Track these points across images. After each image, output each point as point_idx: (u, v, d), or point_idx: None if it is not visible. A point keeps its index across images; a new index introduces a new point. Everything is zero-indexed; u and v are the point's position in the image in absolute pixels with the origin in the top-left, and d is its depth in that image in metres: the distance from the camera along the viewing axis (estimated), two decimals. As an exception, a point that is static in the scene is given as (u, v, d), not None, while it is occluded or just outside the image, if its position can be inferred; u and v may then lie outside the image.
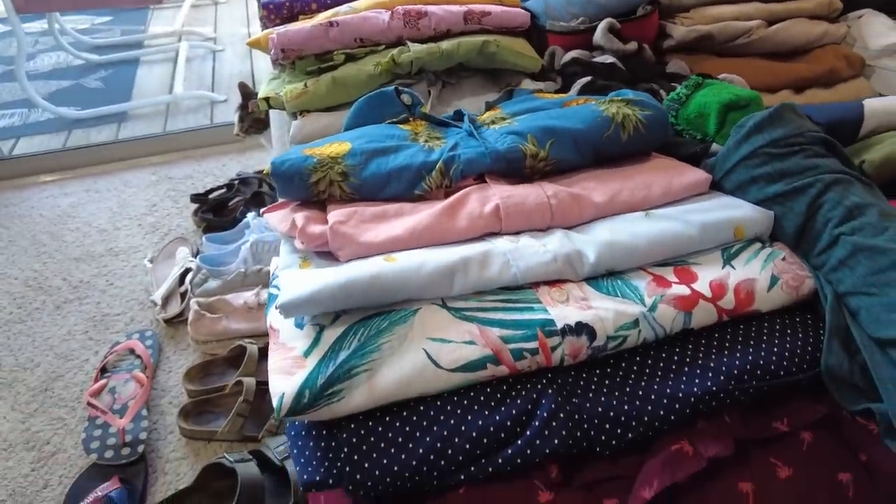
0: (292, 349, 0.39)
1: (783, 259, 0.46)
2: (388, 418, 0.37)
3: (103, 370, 1.13)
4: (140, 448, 1.00)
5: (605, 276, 0.44)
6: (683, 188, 0.50)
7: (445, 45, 0.71)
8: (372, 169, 0.51)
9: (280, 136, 0.82)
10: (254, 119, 1.47)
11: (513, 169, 0.52)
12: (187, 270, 1.31)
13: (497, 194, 0.48)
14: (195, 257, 1.36)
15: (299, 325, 0.41)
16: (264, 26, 0.87)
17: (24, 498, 0.97)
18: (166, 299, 1.28)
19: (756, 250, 0.46)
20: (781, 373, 0.40)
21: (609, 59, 0.73)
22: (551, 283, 0.44)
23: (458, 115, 0.62)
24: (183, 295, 1.28)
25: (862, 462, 0.39)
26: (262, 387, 1.06)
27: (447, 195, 0.51)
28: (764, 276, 0.44)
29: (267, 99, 0.72)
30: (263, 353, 1.12)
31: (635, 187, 0.50)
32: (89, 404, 1.04)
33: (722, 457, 0.37)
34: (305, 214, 0.48)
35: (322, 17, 0.76)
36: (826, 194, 0.47)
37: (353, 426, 0.37)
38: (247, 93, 1.47)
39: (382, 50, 0.73)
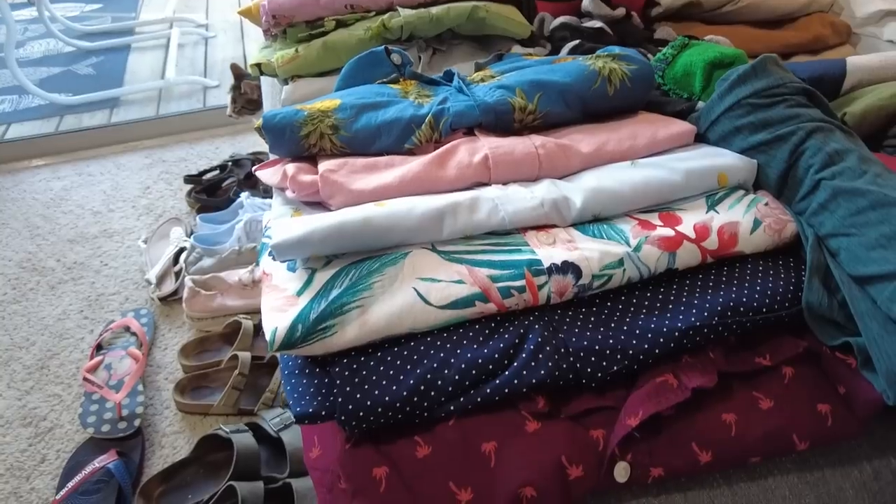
0: (285, 290, 0.40)
1: (766, 204, 0.46)
2: (378, 353, 0.38)
3: (99, 347, 1.14)
4: (136, 422, 1.00)
5: (592, 222, 0.45)
6: (669, 139, 0.51)
7: (435, 10, 0.71)
8: (362, 122, 0.51)
9: (272, 105, 0.83)
10: (247, 100, 1.47)
11: (502, 122, 0.52)
12: (181, 250, 1.32)
13: (486, 145, 0.49)
14: (189, 237, 1.36)
15: (291, 269, 0.42)
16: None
17: (23, 472, 0.98)
18: (161, 278, 1.28)
19: (739, 196, 0.47)
20: (764, 309, 0.41)
21: (598, 24, 0.73)
22: (539, 227, 0.44)
23: (448, 76, 0.63)
24: (177, 274, 1.29)
25: (840, 394, 0.40)
26: (257, 361, 1.07)
27: (437, 148, 0.52)
28: (747, 219, 0.45)
29: (259, 65, 0.72)
30: (258, 329, 1.13)
31: (621, 138, 0.50)
32: (85, 380, 1.05)
33: (706, 388, 0.38)
34: (297, 165, 0.48)
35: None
36: (807, 141, 0.48)
37: (344, 361, 0.38)
38: (239, 73, 1.46)
39: (373, 16, 0.73)
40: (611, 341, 0.39)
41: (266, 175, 0.52)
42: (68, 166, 1.69)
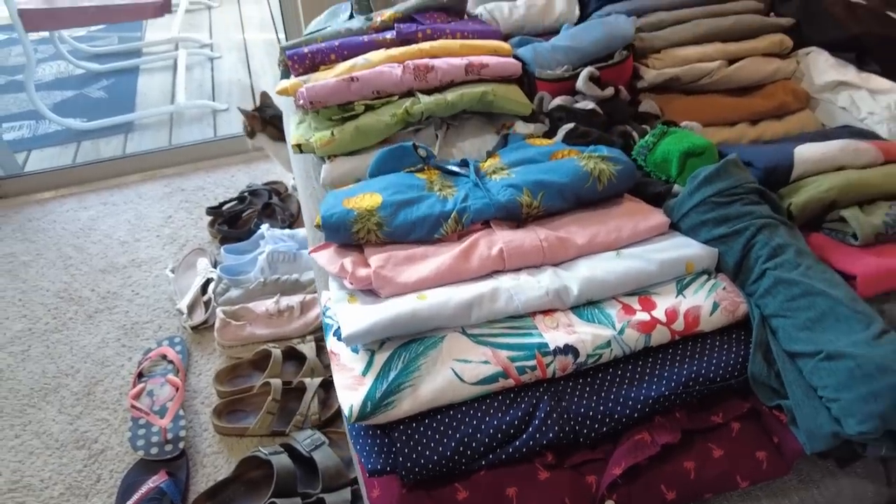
0: (352, 370, 0.52)
1: (724, 289, 0.59)
2: (427, 420, 0.50)
3: (140, 375, 1.25)
4: (181, 444, 1.12)
5: (586, 305, 0.58)
6: (647, 230, 0.63)
7: (450, 96, 0.83)
8: (400, 218, 0.63)
9: (303, 168, 0.94)
10: (262, 123, 1.56)
11: (512, 215, 0.65)
12: (208, 280, 1.43)
13: (501, 239, 0.61)
14: (214, 267, 1.48)
15: (354, 350, 0.54)
16: (285, 73, 0.98)
17: (81, 490, 1.10)
18: (191, 307, 1.40)
19: (703, 281, 0.60)
20: (718, 379, 0.53)
21: (589, 104, 0.86)
22: (545, 312, 0.57)
23: (464, 163, 0.75)
24: (206, 303, 1.40)
25: (774, 443, 0.53)
26: (287, 386, 1.19)
27: (460, 237, 0.64)
28: (707, 303, 0.57)
29: (299, 145, 0.84)
30: (286, 356, 1.26)
31: (609, 230, 0.63)
32: (133, 407, 1.17)
33: (672, 443, 0.50)
34: (352, 259, 0.60)
35: (341, 68, 0.88)
36: (757, 236, 0.60)
37: (402, 427, 0.50)
38: (265, 103, 1.57)
39: (396, 100, 0.85)
40: (601, 408, 0.51)
41: (323, 260, 0.63)
42: (93, 196, 1.79)
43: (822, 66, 1.01)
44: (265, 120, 1.57)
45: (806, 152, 0.71)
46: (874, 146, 0.73)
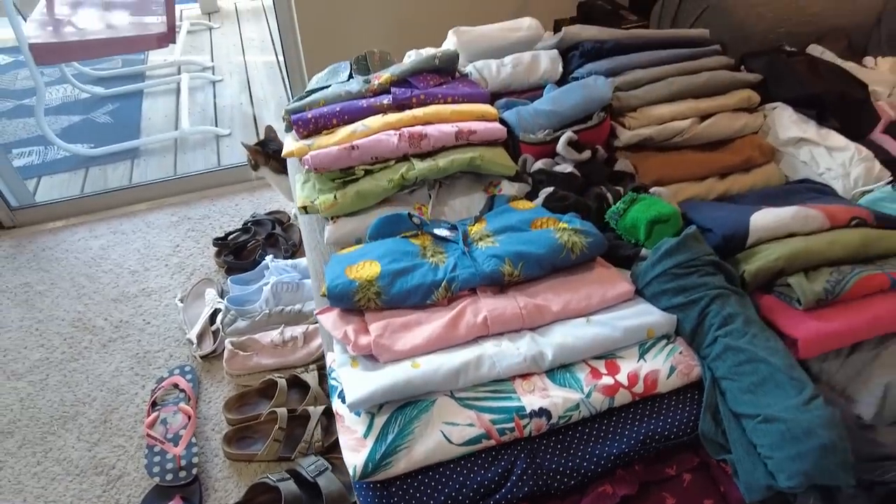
0: (355, 432, 0.61)
1: (680, 353, 0.67)
2: (419, 476, 0.59)
3: (154, 404, 1.33)
4: (194, 471, 1.21)
5: (559, 369, 0.66)
6: (614, 297, 0.72)
7: (442, 162, 0.92)
8: (396, 287, 0.72)
9: (309, 224, 1.02)
10: (266, 155, 1.64)
11: (495, 282, 0.73)
12: (216, 311, 1.51)
13: (485, 308, 0.70)
14: (222, 297, 1.56)
15: (357, 413, 0.62)
16: (288, 127, 1.06)
17: (101, 515, 1.18)
18: (200, 337, 1.48)
19: (662, 346, 0.68)
20: (672, 437, 0.62)
21: (568, 168, 0.94)
22: (523, 376, 0.65)
23: (454, 227, 0.84)
24: (215, 333, 1.48)
25: (721, 492, 0.61)
26: (292, 414, 1.27)
27: (450, 301, 0.73)
28: (665, 367, 0.66)
29: (305, 207, 0.92)
30: (290, 384, 1.34)
31: (580, 298, 0.71)
32: (148, 435, 1.25)
33: (631, 494, 0.59)
34: (354, 328, 0.68)
35: (343, 133, 0.96)
36: (710, 306, 0.69)
37: (398, 482, 0.58)
38: (270, 137, 1.64)
39: (393, 165, 0.93)
40: (570, 464, 0.59)
41: (328, 324, 0.72)
42: (103, 225, 1.87)
43: (785, 122, 1.09)
44: (268, 154, 1.65)
45: (760, 221, 0.79)
46: (822, 213, 0.81)
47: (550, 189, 0.90)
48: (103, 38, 2.06)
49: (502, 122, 1.01)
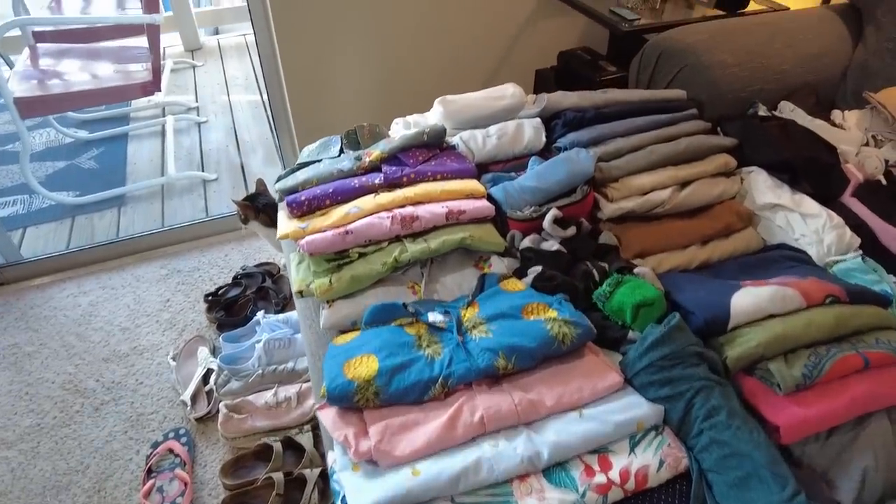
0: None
1: (668, 445, 0.71)
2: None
3: (149, 471, 1.33)
4: (192, 541, 1.21)
5: (554, 467, 0.69)
6: (604, 389, 0.75)
7: (433, 244, 0.94)
8: (394, 386, 0.74)
9: (304, 305, 1.04)
10: (256, 209, 1.65)
11: (490, 376, 0.76)
12: (209, 370, 1.52)
13: (481, 405, 0.72)
14: (214, 355, 1.57)
15: (361, 521, 0.65)
16: (280, 198, 1.08)
17: (99, 591, 1.17)
18: (194, 397, 1.49)
19: (651, 438, 0.71)
20: (663, 531, 0.65)
21: (554, 245, 0.97)
22: (521, 477, 0.68)
23: (447, 311, 0.86)
24: (209, 394, 1.49)
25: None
26: (288, 477, 1.28)
27: (446, 396, 0.75)
28: (655, 460, 0.69)
29: (301, 291, 0.94)
30: (286, 446, 1.35)
31: (572, 391, 0.74)
32: (145, 506, 1.25)
33: None
34: (354, 431, 0.70)
35: (336, 216, 0.99)
36: (696, 398, 0.72)
37: None
38: (261, 191, 1.66)
39: (387, 246, 0.96)
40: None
41: (328, 422, 0.74)
42: (91, 279, 1.87)
43: (761, 187, 1.14)
44: (258, 209, 1.66)
45: (741, 305, 0.83)
46: (798, 293, 0.85)
47: (539, 269, 0.93)
48: (88, 90, 2.06)
49: (490, 198, 1.04)
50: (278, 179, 1.17)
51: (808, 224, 1.07)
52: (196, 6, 3.58)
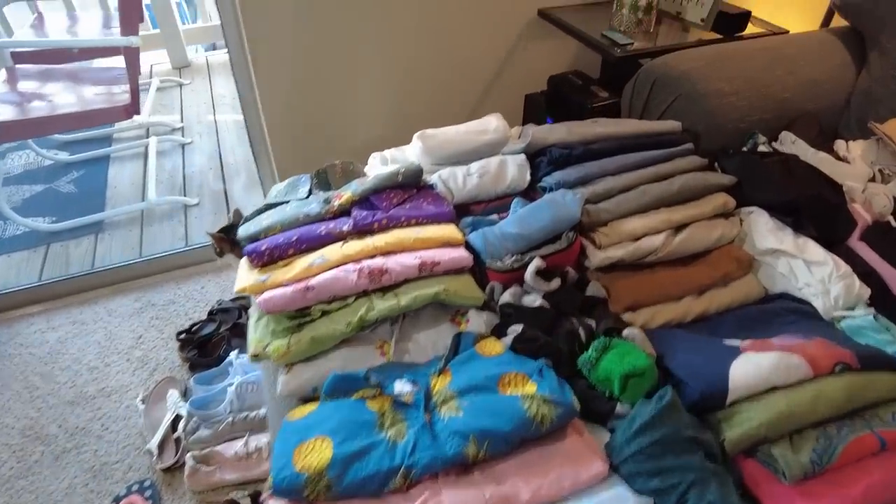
0: None
1: (659, 547, 0.62)
2: None
3: (109, 530, 1.24)
4: None
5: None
6: (587, 480, 0.66)
7: (404, 300, 0.86)
8: (350, 476, 0.66)
9: (266, 377, 0.96)
10: (231, 242, 1.57)
11: (458, 464, 0.67)
12: (178, 416, 1.43)
13: (447, 502, 0.63)
14: (185, 397, 1.48)
15: None
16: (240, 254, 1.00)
17: None
18: (161, 445, 1.40)
19: (640, 538, 0.63)
20: None
21: (537, 301, 0.89)
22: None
23: (415, 381, 0.78)
24: (177, 441, 1.40)
25: None
26: (256, 539, 1.19)
27: (409, 488, 0.66)
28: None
29: (257, 355, 0.86)
30: (254, 502, 1.26)
31: (551, 483, 0.65)
32: (100, 573, 1.16)
33: None
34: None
35: (300, 266, 0.90)
36: (689, 493, 0.63)
37: None
38: (235, 223, 1.57)
39: (353, 303, 0.88)
40: None
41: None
42: (61, 314, 1.79)
43: (762, 230, 1.06)
44: (233, 241, 1.58)
45: (741, 377, 0.74)
46: (804, 361, 0.76)
47: (519, 328, 0.85)
48: (67, 114, 1.99)
49: (468, 245, 0.96)
50: (244, 222, 1.10)
51: (813, 273, 0.98)
52: (184, 23, 3.53)
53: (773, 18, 1.71)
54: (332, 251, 0.92)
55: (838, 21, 1.57)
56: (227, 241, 1.61)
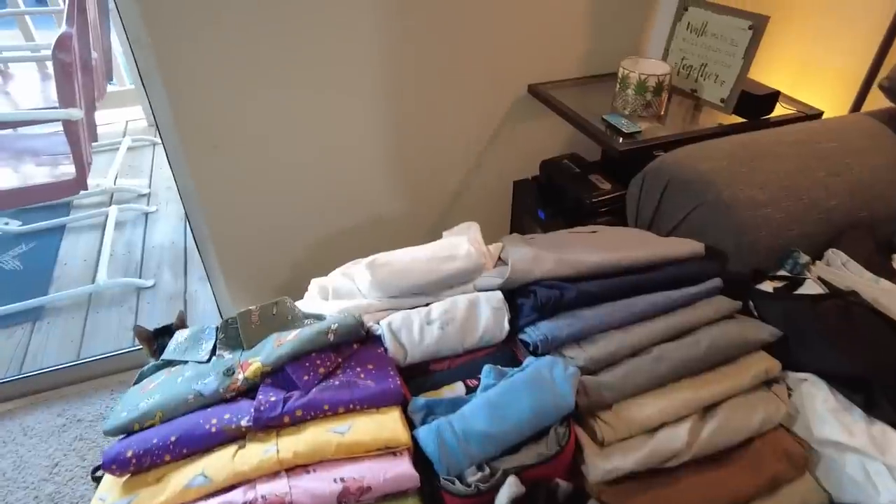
0: None
1: None
2: None
3: None
4: None
5: None
6: None
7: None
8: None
9: None
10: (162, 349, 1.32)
11: None
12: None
13: None
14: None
15: None
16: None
17: None
18: None
19: None
20: None
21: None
22: None
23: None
24: None
25: None
26: None
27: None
28: None
29: None
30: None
31: None
32: None
33: None
34: None
35: (173, 486, 0.64)
36: None
37: None
38: (177, 326, 1.33)
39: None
40: None
41: None
42: (-31, 433, 1.52)
43: (820, 410, 0.79)
44: (160, 347, 1.32)
45: None
46: None
47: None
48: (11, 188, 1.78)
49: (417, 447, 0.69)
50: (134, 383, 0.84)
51: (899, 485, 0.70)
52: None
53: (794, 93, 1.47)
54: (220, 465, 0.65)
55: (875, 99, 1.32)
56: (152, 343, 1.35)
